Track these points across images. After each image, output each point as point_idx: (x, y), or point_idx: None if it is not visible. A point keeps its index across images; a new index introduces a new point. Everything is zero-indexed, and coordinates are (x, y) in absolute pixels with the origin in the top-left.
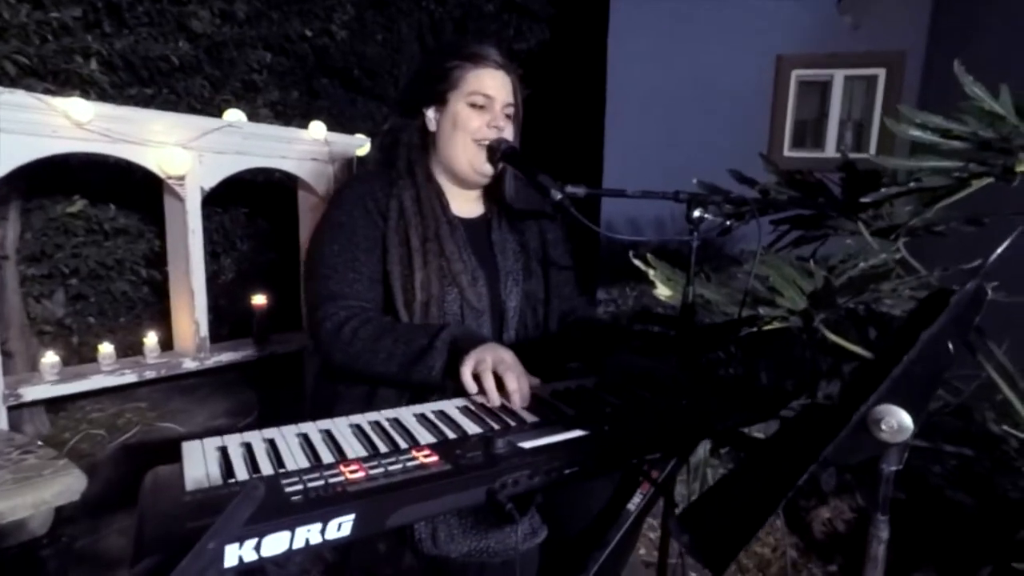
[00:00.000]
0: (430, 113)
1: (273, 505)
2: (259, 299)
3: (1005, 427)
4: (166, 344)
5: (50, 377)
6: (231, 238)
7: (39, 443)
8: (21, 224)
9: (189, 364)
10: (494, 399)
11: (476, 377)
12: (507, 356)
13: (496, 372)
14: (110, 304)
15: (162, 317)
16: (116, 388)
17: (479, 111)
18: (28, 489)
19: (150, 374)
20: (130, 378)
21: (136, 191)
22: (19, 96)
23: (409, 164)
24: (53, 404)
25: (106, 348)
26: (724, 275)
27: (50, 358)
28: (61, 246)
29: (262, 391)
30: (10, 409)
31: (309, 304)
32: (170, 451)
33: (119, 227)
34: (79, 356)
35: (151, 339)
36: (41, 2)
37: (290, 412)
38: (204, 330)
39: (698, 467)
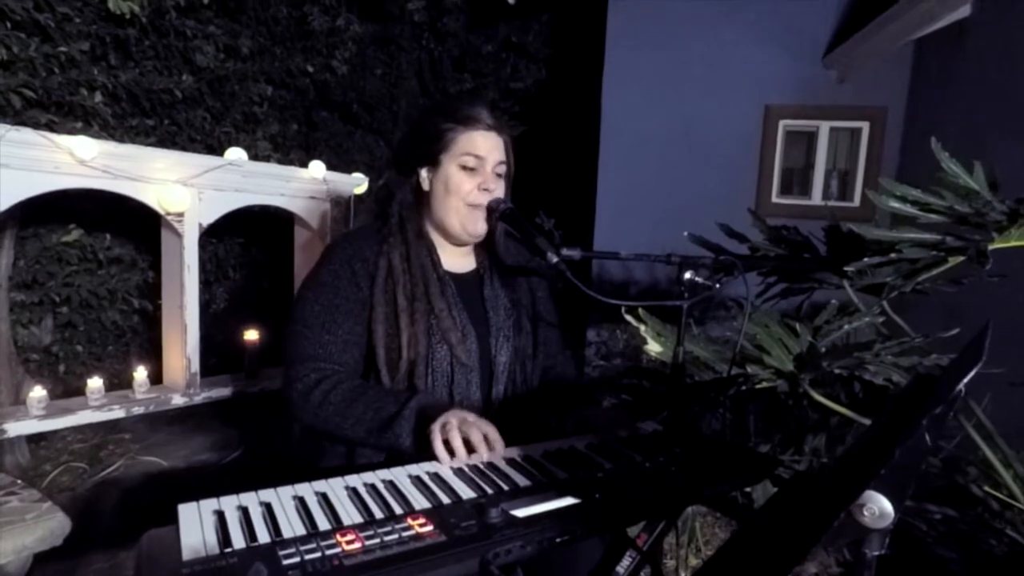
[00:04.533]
0: (424, 173)
1: None
2: (251, 334)
3: (987, 488)
4: (155, 376)
5: (36, 412)
6: (224, 267)
7: (21, 483)
8: (15, 251)
9: (178, 400)
10: (462, 455)
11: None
12: (469, 416)
13: (461, 431)
14: (99, 333)
15: (151, 347)
16: None
17: (470, 173)
18: (9, 535)
19: (138, 409)
20: (118, 413)
21: (132, 221)
22: (25, 133)
23: (401, 221)
24: (33, 434)
25: (95, 382)
26: (713, 321)
27: (37, 392)
28: (53, 274)
29: (250, 426)
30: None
31: (284, 362)
32: (152, 487)
33: (113, 256)
34: (64, 385)
35: (140, 374)
36: (50, 36)
37: (277, 449)
38: (195, 366)
39: (687, 519)
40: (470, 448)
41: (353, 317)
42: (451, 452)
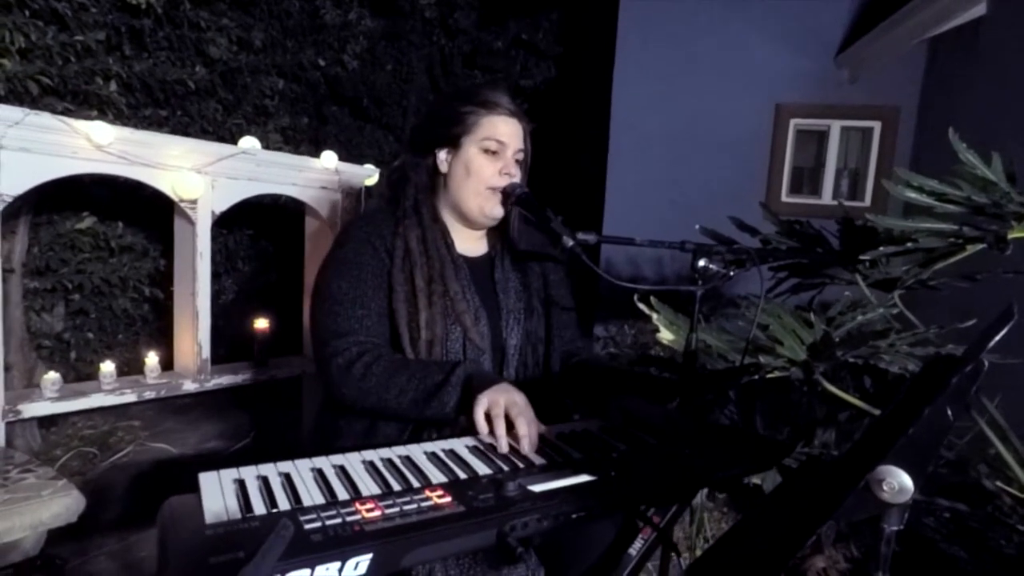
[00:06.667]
0: (442, 154)
1: (295, 542)
2: (261, 323)
3: (999, 483)
4: (164, 364)
5: (50, 394)
6: (233, 259)
7: (37, 461)
8: (29, 238)
9: (189, 386)
10: (503, 445)
11: (487, 417)
12: (519, 399)
13: (508, 416)
14: (110, 320)
15: (160, 336)
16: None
17: (492, 157)
18: (27, 509)
19: (149, 394)
20: (130, 397)
21: (144, 209)
22: (44, 118)
23: (415, 203)
24: (45, 419)
25: (107, 367)
26: (723, 318)
27: (51, 375)
28: (67, 261)
29: (258, 414)
30: (6, 425)
31: (317, 340)
32: (162, 472)
33: (125, 244)
34: (76, 372)
35: (152, 359)
36: (67, 25)
37: (286, 437)
38: (206, 352)
39: (695, 512)
40: (511, 433)
41: (382, 291)
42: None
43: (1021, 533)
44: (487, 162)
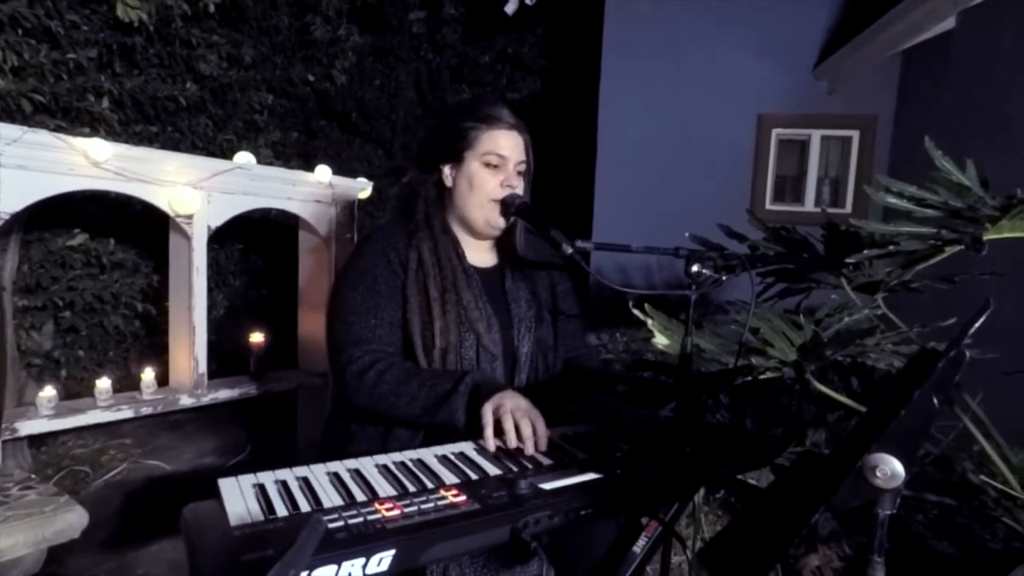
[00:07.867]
0: (447, 170)
1: (320, 540)
2: (257, 337)
3: (983, 477)
4: (159, 380)
5: (46, 411)
6: (224, 274)
7: (36, 478)
8: (20, 256)
9: (186, 400)
10: (512, 440)
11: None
12: (523, 403)
13: (513, 417)
14: (101, 338)
15: (152, 352)
16: (102, 423)
17: (493, 171)
18: (29, 527)
19: (146, 410)
20: (126, 413)
21: (136, 226)
22: (41, 136)
23: (427, 216)
24: (35, 438)
25: (103, 383)
26: (712, 323)
27: (47, 392)
28: (57, 279)
29: (252, 429)
30: (3, 443)
31: (332, 347)
32: (157, 490)
33: (117, 261)
34: (66, 390)
35: (148, 374)
36: (59, 43)
37: (282, 451)
38: (203, 366)
39: (693, 511)
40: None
41: (394, 302)
42: (500, 433)
43: (1006, 526)
44: (489, 176)
